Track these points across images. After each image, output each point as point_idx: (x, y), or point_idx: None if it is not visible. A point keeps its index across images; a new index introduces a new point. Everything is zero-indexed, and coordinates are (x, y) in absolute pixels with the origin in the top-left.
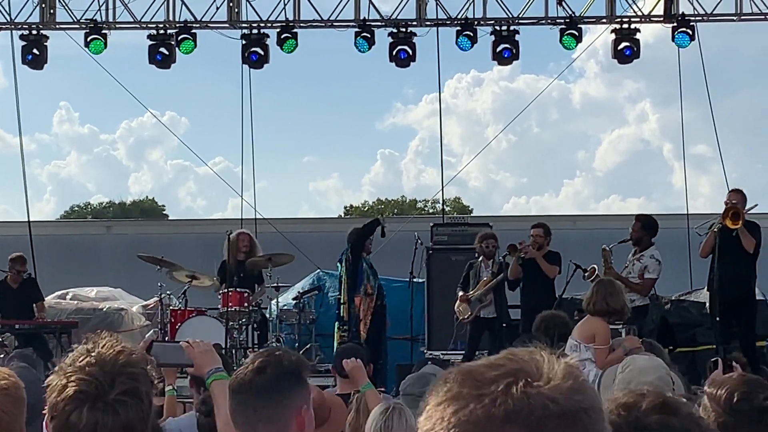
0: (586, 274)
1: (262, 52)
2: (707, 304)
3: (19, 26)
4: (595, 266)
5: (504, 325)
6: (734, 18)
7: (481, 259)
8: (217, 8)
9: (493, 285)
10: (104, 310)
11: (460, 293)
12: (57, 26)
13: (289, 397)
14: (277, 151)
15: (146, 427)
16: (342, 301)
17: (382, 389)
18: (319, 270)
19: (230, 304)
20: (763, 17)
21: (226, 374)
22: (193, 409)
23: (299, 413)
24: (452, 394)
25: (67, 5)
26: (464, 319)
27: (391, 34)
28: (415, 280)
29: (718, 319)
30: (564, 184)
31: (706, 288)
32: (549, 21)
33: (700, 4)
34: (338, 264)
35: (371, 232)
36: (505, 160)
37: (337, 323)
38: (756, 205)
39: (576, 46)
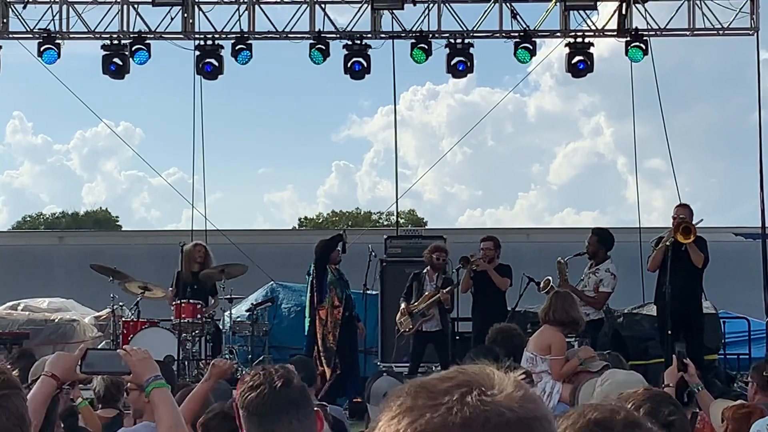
0: (541, 286)
1: (217, 63)
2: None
3: None
4: (549, 278)
5: (457, 338)
6: (687, 33)
7: (426, 270)
8: (172, 19)
9: (435, 300)
10: (56, 321)
11: (403, 305)
12: (10, 35)
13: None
14: (232, 162)
15: (27, 412)
16: (306, 315)
17: (358, 400)
18: (272, 282)
19: (183, 315)
20: (715, 32)
21: (165, 382)
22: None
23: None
24: (406, 407)
25: (20, 15)
26: (405, 332)
27: (345, 46)
28: (368, 292)
29: (669, 332)
30: (519, 197)
31: (653, 302)
32: (503, 34)
33: (653, 19)
34: (306, 276)
35: (335, 245)
36: (460, 172)
37: None
38: (701, 220)
39: (530, 60)
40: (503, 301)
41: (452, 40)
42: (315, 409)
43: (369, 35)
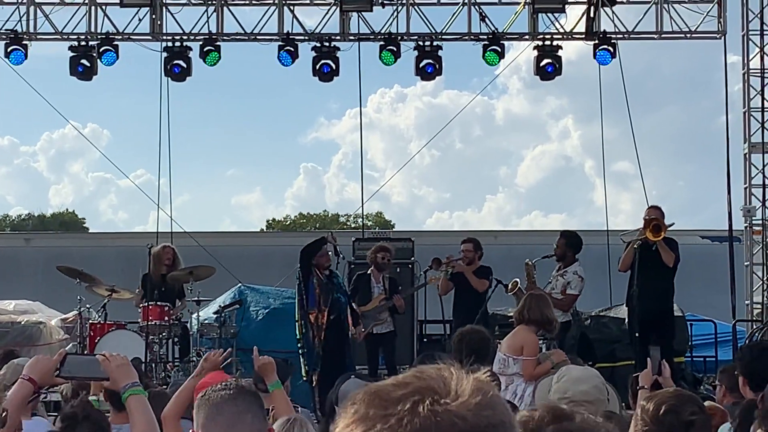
0: (508, 288)
1: (185, 65)
2: (626, 320)
3: None
4: (517, 280)
5: (425, 340)
6: (655, 36)
7: (371, 271)
8: (140, 20)
9: (387, 305)
10: (22, 323)
11: (354, 306)
12: None
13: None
14: (200, 164)
15: None
16: (296, 318)
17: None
18: (240, 284)
19: (150, 317)
20: (683, 36)
21: (142, 389)
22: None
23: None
24: (359, 416)
25: None
26: (356, 336)
27: (314, 48)
28: None
29: (637, 334)
30: (486, 200)
31: (625, 303)
32: (472, 37)
33: (621, 22)
34: (295, 280)
35: (318, 248)
36: (428, 175)
37: None
38: (673, 224)
39: (499, 62)
40: (482, 302)
41: (421, 43)
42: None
43: (337, 37)
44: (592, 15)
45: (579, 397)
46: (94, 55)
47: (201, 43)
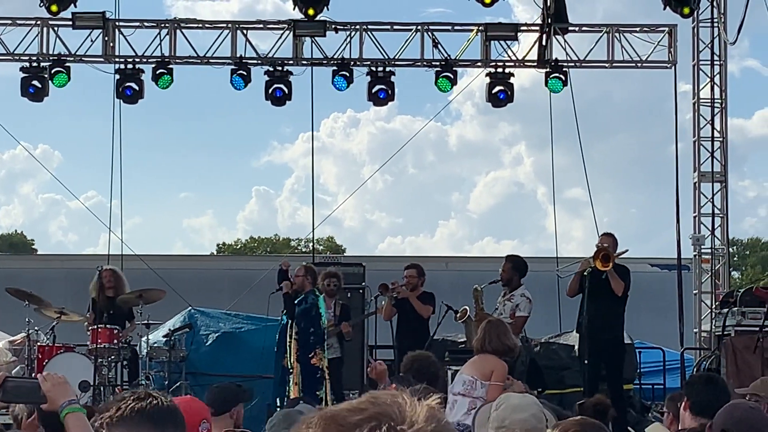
0: (458, 316)
1: (137, 87)
2: (575, 347)
3: None
4: (466, 308)
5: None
6: (606, 65)
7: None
8: (92, 42)
9: (335, 332)
10: None
11: None
12: None
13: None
14: (152, 186)
15: None
16: None
17: None
18: (190, 307)
19: (99, 340)
20: (634, 65)
21: (80, 407)
22: None
23: None
24: None
25: None
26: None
27: (267, 72)
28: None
29: (586, 362)
30: (439, 225)
31: (575, 330)
32: (425, 63)
33: (573, 50)
34: None
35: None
36: (381, 200)
37: None
38: (627, 250)
39: (451, 89)
40: (426, 328)
41: (373, 68)
42: None
43: (290, 62)
44: (544, 43)
45: (517, 426)
46: (46, 76)
47: (153, 65)
